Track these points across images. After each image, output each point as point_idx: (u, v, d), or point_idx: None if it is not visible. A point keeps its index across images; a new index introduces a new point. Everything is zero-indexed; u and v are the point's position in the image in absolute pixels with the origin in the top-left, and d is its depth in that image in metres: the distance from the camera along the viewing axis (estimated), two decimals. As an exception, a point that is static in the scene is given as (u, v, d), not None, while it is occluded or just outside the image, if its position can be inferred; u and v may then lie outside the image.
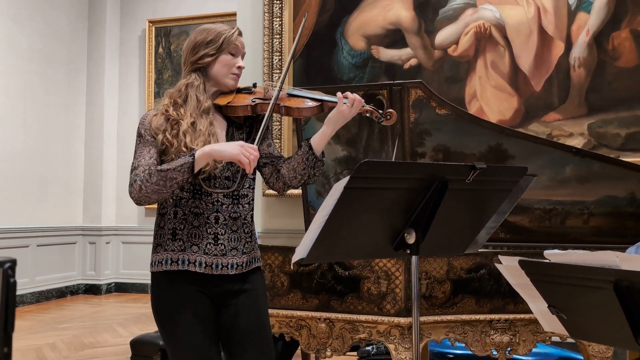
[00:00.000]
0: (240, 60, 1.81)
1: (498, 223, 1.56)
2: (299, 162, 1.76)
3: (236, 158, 1.62)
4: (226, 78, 1.79)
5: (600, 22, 3.31)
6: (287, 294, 2.42)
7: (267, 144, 1.86)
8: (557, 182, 2.52)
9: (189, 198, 1.72)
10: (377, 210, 1.37)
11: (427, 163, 1.97)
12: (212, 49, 1.76)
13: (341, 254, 1.54)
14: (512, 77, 3.48)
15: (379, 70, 3.75)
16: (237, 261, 1.74)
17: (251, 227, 1.81)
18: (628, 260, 1.25)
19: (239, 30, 1.82)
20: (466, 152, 2.66)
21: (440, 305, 2.28)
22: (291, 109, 1.77)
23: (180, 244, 1.71)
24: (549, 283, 1.44)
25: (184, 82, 1.78)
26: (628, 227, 2.41)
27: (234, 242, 1.74)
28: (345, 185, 1.25)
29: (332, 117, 1.74)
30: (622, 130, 3.23)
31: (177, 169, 1.62)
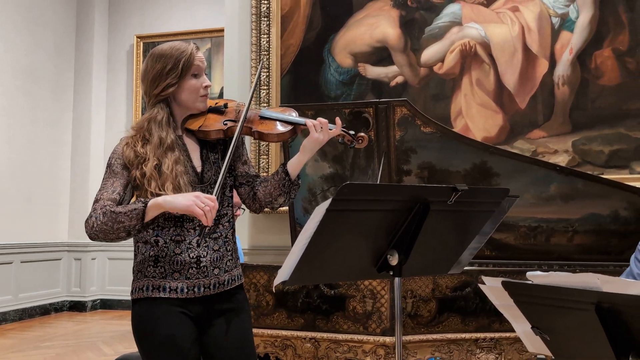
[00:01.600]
0: (205, 79, 1.76)
1: (481, 244, 1.56)
2: (275, 187, 1.76)
3: (189, 210, 1.56)
4: (195, 103, 1.75)
5: (583, 41, 3.36)
6: (273, 313, 2.40)
7: (242, 162, 1.83)
8: (542, 199, 2.54)
9: (171, 227, 1.70)
10: (360, 232, 1.37)
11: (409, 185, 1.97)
12: (174, 78, 1.70)
13: (324, 276, 1.53)
14: (497, 95, 3.51)
15: (366, 87, 3.77)
16: (219, 280, 1.73)
17: (232, 244, 1.80)
18: (609, 282, 1.26)
19: (195, 47, 1.76)
20: (451, 170, 2.67)
21: (426, 324, 2.27)
22: (263, 135, 1.77)
23: (161, 270, 1.70)
24: (532, 304, 1.44)
25: (147, 117, 1.73)
26: (612, 244, 2.43)
27: (216, 261, 1.73)
28: (328, 207, 1.24)
29: (307, 145, 1.74)
30: (606, 148, 3.26)
31: (127, 214, 1.60)
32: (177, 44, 1.76)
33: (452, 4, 3.63)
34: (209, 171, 1.76)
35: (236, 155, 1.81)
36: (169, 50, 1.73)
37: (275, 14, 3.90)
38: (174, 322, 1.69)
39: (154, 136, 1.69)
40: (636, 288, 1.22)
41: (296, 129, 1.78)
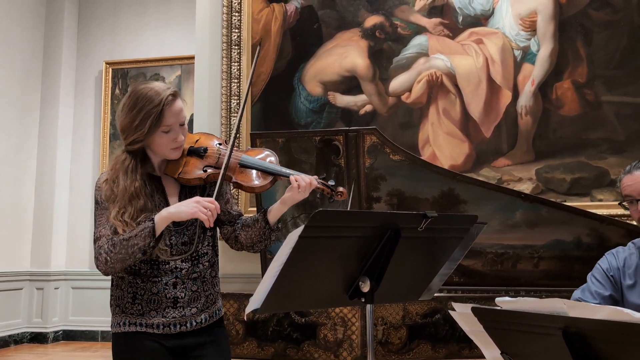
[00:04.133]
0: (177, 134, 1.69)
1: (451, 270, 1.59)
2: (256, 234, 1.78)
3: (195, 215, 1.61)
4: (166, 154, 1.73)
5: (544, 73, 3.49)
6: (242, 342, 2.37)
7: (224, 201, 1.83)
8: (508, 226, 2.60)
9: (147, 269, 1.71)
10: (332, 259, 1.38)
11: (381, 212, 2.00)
12: (140, 135, 1.66)
13: (296, 303, 1.53)
14: (463, 124, 3.60)
15: (336, 116, 3.82)
16: (197, 319, 1.75)
17: (212, 283, 1.80)
18: (575, 307, 1.29)
19: (170, 98, 1.67)
20: (420, 197, 2.71)
21: (397, 351, 2.28)
22: (243, 186, 1.77)
23: (139, 308, 1.72)
24: (501, 330, 1.46)
25: (116, 159, 1.73)
26: (575, 270, 2.49)
27: (194, 302, 1.75)
28: (300, 234, 1.25)
29: (288, 201, 1.75)
30: (568, 176, 3.37)
31: (139, 235, 1.61)
32: (154, 89, 1.68)
33: (418, 35, 3.73)
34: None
35: (219, 194, 1.77)
36: (141, 100, 1.67)
37: (246, 42, 3.94)
38: (150, 356, 1.70)
39: (119, 183, 1.69)
40: (601, 313, 1.26)
41: (276, 179, 1.78)
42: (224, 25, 4.01)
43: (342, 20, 3.85)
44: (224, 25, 4.01)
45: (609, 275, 2.01)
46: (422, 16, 3.74)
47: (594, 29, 3.46)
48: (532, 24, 3.55)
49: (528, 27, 3.55)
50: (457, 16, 3.69)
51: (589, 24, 3.47)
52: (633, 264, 1.96)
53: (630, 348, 1.23)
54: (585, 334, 1.27)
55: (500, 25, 3.61)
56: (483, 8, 3.65)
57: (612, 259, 2.04)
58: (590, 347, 1.28)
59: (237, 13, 3.96)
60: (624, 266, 1.98)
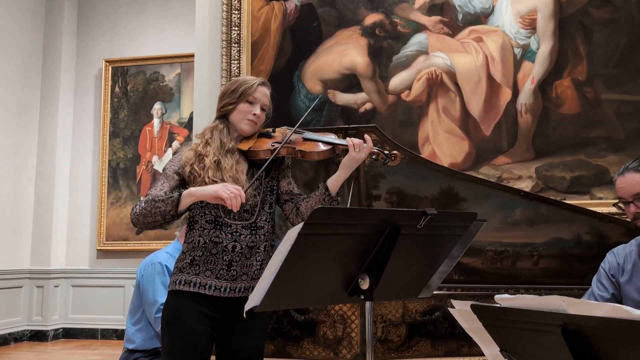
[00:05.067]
0: (257, 108, 2.00)
1: (450, 267, 1.59)
2: (316, 202, 1.95)
3: (217, 194, 1.78)
4: (241, 124, 1.99)
5: (544, 71, 3.49)
6: (242, 340, 2.36)
7: (287, 182, 2.04)
8: (508, 224, 2.59)
9: (211, 228, 1.90)
10: (331, 256, 1.38)
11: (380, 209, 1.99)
12: (232, 98, 1.99)
13: (295, 300, 1.52)
14: (463, 122, 3.60)
15: (335, 114, 3.81)
16: (246, 285, 1.90)
17: (265, 255, 1.95)
18: (574, 304, 1.29)
19: (260, 82, 2.03)
20: (419, 195, 2.71)
21: (396, 349, 2.28)
22: (306, 153, 1.96)
23: (196, 268, 1.89)
24: (500, 327, 1.46)
25: (210, 127, 2.01)
26: (575, 268, 2.49)
27: (246, 268, 1.90)
28: (299, 231, 1.25)
29: (346, 163, 1.94)
30: (567, 174, 3.37)
31: (164, 200, 1.83)
32: (248, 77, 2.08)
33: (418, 33, 3.73)
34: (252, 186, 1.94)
35: (282, 175, 2.05)
36: (241, 78, 2.06)
37: (246, 40, 3.93)
38: (196, 320, 1.86)
39: (215, 140, 1.95)
40: (601, 310, 1.26)
41: (335, 149, 1.98)
42: (223, 23, 4.00)
43: (341, 18, 3.85)
44: (224, 23, 4.00)
45: (610, 275, 2.02)
46: (421, 14, 3.74)
47: (593, 27, 3.45)
48: (532, 21, 3.54)
49: (528, 25, 3.55)
50: (457, 14, 3.68)
51: (588, 22, 3.47)
52: (632, 259, 1.97)
53: (629, 345, 1.23)
54: (585, 332, 1.27)
55: (500, 23, 3.60)
56: (483, 6, 3.64)
57: (612, 259, 2.05)
58: (590, 345, 1.28)
59: (237, 11, 3.96)
60: (624, 263, 1.99)
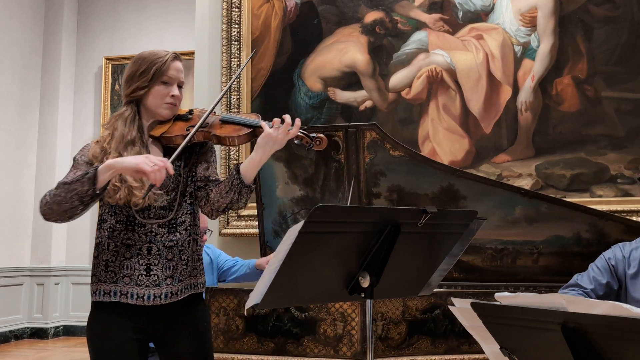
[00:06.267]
0: (174, 89, 1.79)
1: (450, 265, 1.59)
2: (225, 185, 1.75)
3: (139, 167, 1.58)
4: (160, 109, 1.78)
5: (544, 68, 3.49)
6: (243, 337, 2.38)
7: (204, 168, 1.83)
8: (508, 222, 2.60)
9: (122, 230, 1.71)
10: (332, 254, 1.38)
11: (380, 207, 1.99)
12: (144, 81, 1.76)
13: (296, 299, 1.53)
14: (463, 120, 3.60)
15: (336, 112, 3.81)
16: (172, 290, 1.72)
17: (190, 253, 1.78)
18: (574, 302, 1.29)
19: (173, 56, 1.79)
20: (419, 193, 2.71)
21: (396, 347, 2.28)
22: (222, 138, 1.76)
23: (112, 275, 1.71)
24: (500, 325, 1.47)
25: (115, 115, 1.80)
26: (575, 266, 2.49)
27: (169, 270, 1.72)
28: (300, 229, 1.25)
29: (260, 141, 1.71)
30: (567, 172, 3.37)
31: (79, 179, 1.62)
32: (157, 50, 1.81)
33: (418, 31, 3.72)
34: (167, 178, 1.73)
35: (200, 160, 1.82)
36: (147, 55, 1.79)
37: (246, 38, 3.93)
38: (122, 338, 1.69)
39: (117, 131, 1.74)
40: (600, 308, 1.26)
41: (256, 132, 1.77)
42: (223, 20, 4.00)
43: (342, 15, 3.84)
44: (224, 21, 4.00)
45: (611, 264, 2.04)
46: (422, 12, 3.73)
47: (594, 24, 3.45)
48: (532, 19, 3.54)
49: (528, 23, 3.55)
50: (457, 12, 3.68)
51: (589, 20, 3.47)
52: (638, 255, 1.99)
53: (629, 343, 1.23)
54: (584, 329, 1.27)
55: (500, 21, 3.60)
56: (483, 4, 3.64)
57: (617, 250, 2.08)
58: (589, 342, 1.28)
59: (237, 9, 3.96)
60: (629, 257, 2.01)
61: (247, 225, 3.83)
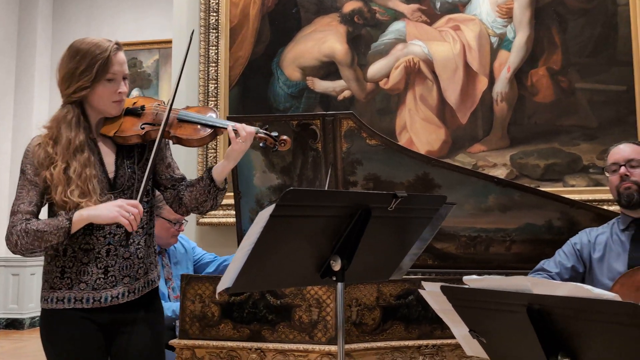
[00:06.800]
0: (120, 85, 1.70)
1: (421, 250, 1.62)
2: (200, 193, 1.75)
3: (116, 221, 1.58)
4: (107, 108, 1.71)
5: (519, 60, 3.53)
6: (218, 324, 2.38)
7: (165, 166, 1.81)
8: (481, 210, 2.64)
9: (79, 234, 1.67)
10: (304, 238, 1.40)
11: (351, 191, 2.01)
12: (86, 81, 1.65)
13: (268, 282, 1.54)
14: (440, 110, 3.63)
15: (314, 101, 3.82)
16: (130, 289, 1.72)
17: (146, 249, 1.77)
18: (538, 284, 1.33)
19: (115, 48, 1.68)
20: (395, 181, 2.74)
21: (371, 332, 2.31)
22: (182, 140, 1.74)
23: (68, 282, 1.69)
24: (468, 308, 1.50)
25: (56, 116, 1.70)
26: (546, 253, 2.54)
27: (126, 269, 1.72)
28: (271, 213, 1.26)
29: (231, 154, 1.74)
30: (541, 162, 3.43)
31: (53, 233, 1.60)
32: (97, 42, 1.68)
33: (397, 21, 3.74)
34: (122, 177, 1.72)
35: (158, 158, 1.78)
36: (86, 49, 1.66)
37: (224, 26, 3.91)
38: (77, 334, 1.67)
39: (62, 136, 1.65)
40: (563, 289, 1.30)
41: (217, 132, 1.76)
42: (201, 8, 3.97)
43: (320, 5, 3.84)
44: (202, 9, 3.97)
45: (576, 248, 2.11)
46: (400, 2, 3.75)
47: (569, 16, 3.50)
48: (508, 11, 3.58)
49: (505, 14, 3.58)
50: (435, 2, 3.70)
51: (564, 12, 3.51)
52: (603, 240, 2.06)
53: (589, 323, 1.27)
54: (548, 311, 1.31)
55: (477, 12, 3.63)
56: (461, -6, 3.67)
57: (583, 235, 2.14)
58: (553, 323, 1.32)
59: (215, -4, 3.93)
60: (595, 242, 2.08)
61: (225, 215, 3.83)
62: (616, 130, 3.27)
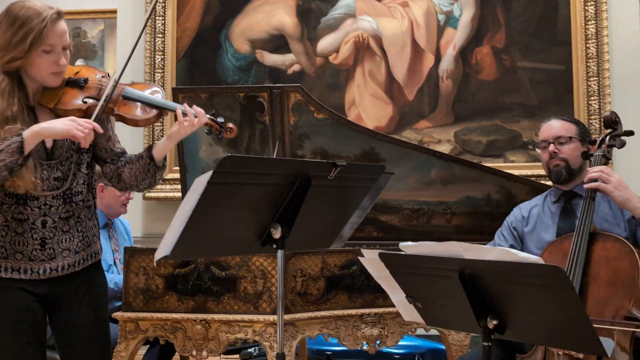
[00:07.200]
0: (59, 57, 1.61)
1: (360, 218, 1.65)
2: (140, 171, 1.73)
3: (69, 133, 1.53)
4: (44, 79, 1.64)
5: (465, 37, 3.60)
6: (162, 296, 2.37)
7: (105, 139, 1.76)
8: (424, 183, 2.70)
9: (12, 204, 1.62)
10: (243, 206, 1.40)
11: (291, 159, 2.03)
12: (20, 52, 1.56)
13: (207, 250, 1.55)
14: (388, 86, 3.67)
15: (263, 74, 3.80)
16: (69, 262, 1.70)
17: (87, 222, 1.75)
18: (469, 249, 1.39)
19: (54, 17, 1.58)
20: (342, 155, 2.77)
21: (315, 302, 2.35)
22: (127, 119, 1.70)
23: (2, 251, 1.64)
24: (405, 274, 1.55)
25: None
26: (485, 225, 2.64)
27: (66, 243, 1.68)
28: (209, 180, 1.26)
29: (174, 135, 1.72)
30: (484, 138, 3.53)
31: (5, 151, 1.52)
32: (36, 9, 1.58)
33: (347, -5, 3.74)
34: (60, 148, 1.68)
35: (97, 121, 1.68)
36: (24, 16, 1.57)
37: (172, -5, 3.82)
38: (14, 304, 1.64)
39: None
40: (492, 254, 1.36)
41: (163, 113, 1.74)
42: (147, -23, 3.86)
43: (270, -24, 3.80)
44: (148, -23, 3.86)
45: (512, 227, 2.19)
46: (350, -24, 3.75)
47: (513, -4, 3.59)
48: (455, -12, 3.64)
49: (452, -8, 3.64)
50: (384, -22, 3.72)
51: (508, -9, 3.60)
52: (535, 213, 2.15)
53: (516, 286, 1.34)
54: (479, 275, 1.37)
55: (425, -11, 3.67)
56: (410, -29, 3.69)
57: (517, 212, 2.22)
58: (483, 287, 1.38)
59: (162, -36, 3.83)
60: (529, 216, 2.16)
61: (172, 189, 3.79)
62: (554, 108, 3.40)
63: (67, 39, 1.65)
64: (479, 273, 1.37)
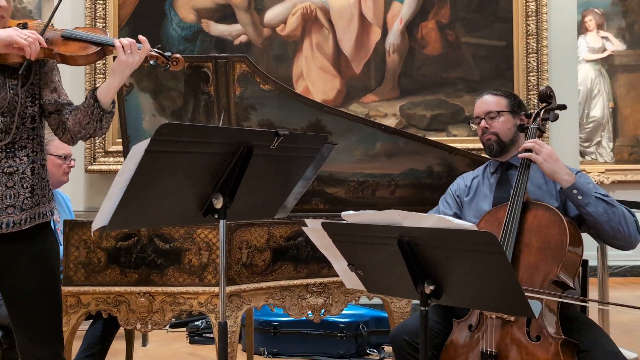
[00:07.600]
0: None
1: (304, 188, 1.66)
2: (84, 115, 1.67)
3: (12, 40, 1.49)
4: None
5: (411, 12, 3.64)
6: (105, 270, 2.33)
7: (50, 90, 1.71)
8: (369, 156, 2.74)
9: None
10: (184, 175, 1.39)
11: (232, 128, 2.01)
12: None
13: (147, 220, 1.52)
14: (335, 59, 3.68)
15: (209, 45, 3.72)
16: (15, 219, 1.64)
17: (35, 181, 1.69)
18: (408, 217, 1.43)
19: None
20: (289, 128, 2.76)
21: (260, 273, 2.36)
22: (67, 57, 1.64)
23: None
24: (346, 242, 1.58)
25: None
26: (427, 196, 2.70)
27: (10, 199, 1.63)
28: (146, 147, 1.24)
29: (117, 68, 1.67)
30: (428, 112, 3.61)
31: None
32: None
33: (295, -34, 3.70)
34: (3, 99, 1.61)
35: (44, 81, 1.68)
36: None
37: (111, -43, 3.67)
38: None
39: None
40: (429, 221, 1.40)
41: (105, 50, 1.69)
42: (86, -64, 3.69)
43: (215, -57, 3.70)
44: (87, -63, 3.69)
45: (455, 195, 2.26)
46: (298, -54, 3.70)
47: (458, -29, 3.64)
48: (403, -38, 3.65)
49: (399, -34, 3.65)
50: (332, -51, 3.69)
51: (454, -33, 3.64)
52: (476, 183, 2.22)
53: (451, 252, 1.39)
54: (416, 242, 1.41)
55: (373, -38, 3.67)
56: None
57: (460, 181, 2.29)
58: (420, 253, 1.42)
59: None
60: (470, 186, 2.23)
61: (115, 162, 3.69)
62: (495, 83, 3.50)
63: None
64: (417, 240, 1.41)
